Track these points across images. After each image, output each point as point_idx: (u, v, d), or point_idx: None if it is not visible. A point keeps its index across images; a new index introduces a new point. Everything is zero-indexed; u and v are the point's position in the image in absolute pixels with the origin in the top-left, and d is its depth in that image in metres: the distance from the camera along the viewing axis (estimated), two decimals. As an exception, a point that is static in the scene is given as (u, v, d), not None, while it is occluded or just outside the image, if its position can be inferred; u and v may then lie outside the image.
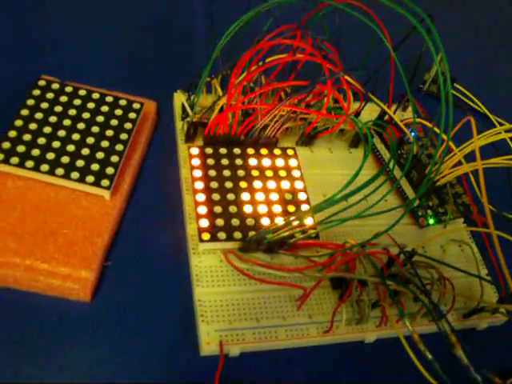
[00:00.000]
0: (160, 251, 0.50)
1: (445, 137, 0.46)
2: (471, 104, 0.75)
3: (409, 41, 0.52)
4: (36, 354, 0.43)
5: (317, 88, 0.52)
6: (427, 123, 0.59)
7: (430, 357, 0.42)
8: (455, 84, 0.75)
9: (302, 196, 0.54)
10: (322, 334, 0.48)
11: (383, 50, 0.50)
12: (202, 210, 0.50)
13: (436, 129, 0.53)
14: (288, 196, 0.54)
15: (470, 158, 0.53)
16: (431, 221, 0.58)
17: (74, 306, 0.46)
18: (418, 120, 0.59)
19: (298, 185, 0.55)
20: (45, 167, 0.49)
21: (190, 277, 0.49)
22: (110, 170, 0.50)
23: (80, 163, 0.50)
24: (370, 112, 0.64)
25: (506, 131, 0.55)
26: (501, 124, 0.73)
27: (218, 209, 0.51)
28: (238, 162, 0.55)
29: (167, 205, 0.54)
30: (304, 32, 0.50)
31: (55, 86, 0.55)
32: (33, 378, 0.42)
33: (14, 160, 0.49)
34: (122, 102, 0.55)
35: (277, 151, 0.57)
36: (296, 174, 0.56)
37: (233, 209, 0.51)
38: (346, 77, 0.53)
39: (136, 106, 0.55)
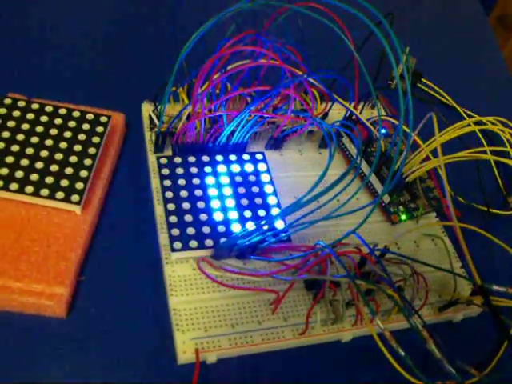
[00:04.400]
0: (134, 263, 0.51)
1: (406, 128, 0.47)
2: (439, 98, 0.76)
3: (374, 38, 0.53)
4: (13, 371, 0.43)
5: (281, 92, 0.52)
6: (393, 120, 0.59)
7: (402, 353, 0.42)
8: (422, 79, 0.75)
9: (272, 200, 0.54)
10: (297, 337, 0.48)
11: (349, 50, 0.50)
12: (173, 219, 0.51)
13: (404, 126, 0.54)
14: (258, 200, 0.54)
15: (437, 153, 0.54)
16: (403, 217, 0.58)
17: (50, 322, 0.46)
18: (383, 118, 0.59)
19: (268, 189, 0.55)
20: (14, 186, 0.49)
21: (165, 286, 0.49)
22: (79, 185, 0.50)
23: (49, 180, 0.50)
24: (338, 112, 0.64)
25: (476, 123, 0.55)
26: (469, 116, 0.73)
27: (188, 217, 0.51)
28: (207, 169, 0.55)
29: (139, 216, 0.54)
30: (264, 37, 0.51)
31: (21, 103, 0.55)
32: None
33: (-17, 181, 0.49)
34: (89, 116, 0.55)
35: (245, 156, 0.57)
36: (266, 178, 0.56)
37: (203, 216, 0.51)
38: (310, 79, 0.53)
39: (103, 119, 0.55)
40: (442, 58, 0.85)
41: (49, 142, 0.53)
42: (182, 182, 0.53)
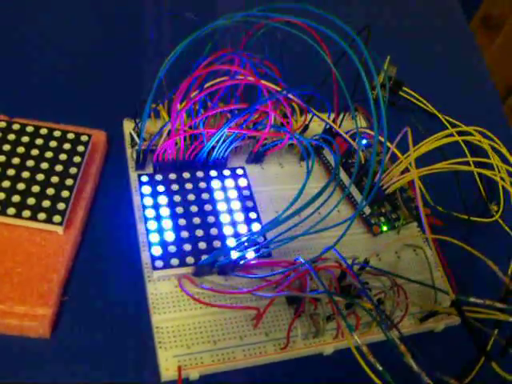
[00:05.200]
0: (117, 281, 0.51)
1: (388, 144, 0.47)
2: (421, 105, 0.76)
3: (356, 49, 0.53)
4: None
5: (258, 109, 0.53)
6: (370, 131, 0.59)
7: (380, 368, 0.43)
8: (403, 87, 0.76)
9: (252, 215, 0.55)
10: (279, 351, 0.49)
11: (328, 63, 0.50)
12: (154, 237, 0.51)
13: (380, 137, 0.54)
14: (239, 217, 0.54)
15: (418, 162, 0.54)
16: (384, 228, 0.59)
17: (34, 342, 0.46)
18: (362, 130, 0.59)
19: (249, 204, 0.56)
20: (-5, 208, 0.50)
21: (148, 304, 0.49)
22: (61, 206, 0.51)
23: (31, 201, 0.50)
24: (319, 124, 0.64)
25: (455, 134, 0.56)
26: (451, 123, 0.74)
27: (169, 235, 0.51)
28: (188, 186, 0.55)
29: (122, 234, 0.54)
30: (240, 55, 0.51)
31: (2, 124, 0.55)
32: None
33: (-36, 203, 0.49)
34: (70, 136, 0.55)
35: (226, 172, 0.58)
36: (246, 193, 0.56)
37: (184, 234, 0.52)
38: (289, 95, 0.54)
39: (84, 138, 0.56)
40: (424, 65, 0.85)
41: (30, 163, 0.53)
42: (162, 199, 0.54)
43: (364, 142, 0.62)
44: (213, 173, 0.57)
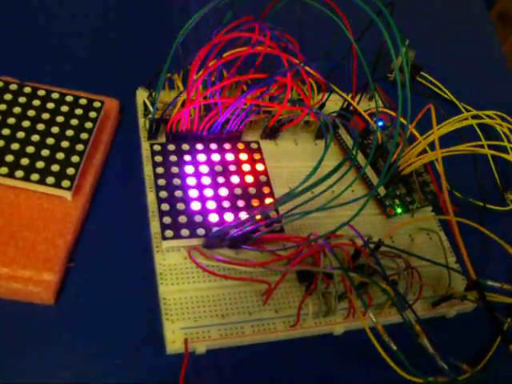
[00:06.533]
0: (124, 250, 0.50)
1: (404, 121, 0.46)
2: (438, 92, 0.75)
3: (375, 29, 0.52)
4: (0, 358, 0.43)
5: (277, 80, 0.51)
6: (390, 112, 0.58)
7: (394, 348, 0.42)
8: (422, 72, 0.75)
9: (266, 190, 0.54)
10: (288, 328, 0.48)
11: (348, 40, 0.49)
12: (165, 207, 0.50)
13: (402, 119, 0.53)
14: (252, 190, 0.53)
15: (435, 145, 0.53)
16: (399, 210, 0.57)
17: (38, 309, 0.45)
18: (381, 109, 0.58)
19: (262, 178, 0.54)
20: (4, 170, 0.48)
21: (155, 275, 0.48)
22: (70, 171, 0.50)
23: (40, 164, 0.49)
24: (335, 103, 0.63)
25: (473, 117, 0.55)
26: (468, 110, 0.72)
27: (180, 206, 0.50)
28: (201, 157, 0.54)
29: (131, 203, 0.53)
30: (262, 24, 0.50)
31: (13, 86, 0.54)
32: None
33: (-28, 164, 0.48)
34: (82, 101, 0.54)
35: (240, 145, 0.56)
36: (260, 167, 0.55)
37: (196, 205, 0.51)
38: (307, 68, 0.52)
39: (96, 104, 0.54)
40: (442, 51, 0.84)
41: (40, 127, 0.52)
42: (174, 169, 0.53)
43: (380, 123, 0.61)
44: (226, 145, 0.56)
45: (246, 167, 0.55)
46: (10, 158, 0.49)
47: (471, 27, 0.95)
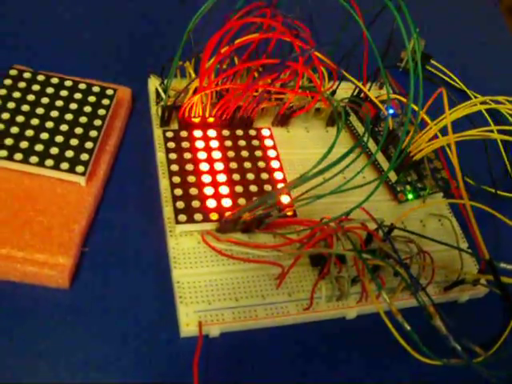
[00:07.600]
0: (138, 235, 0.50)
1: (416, 107, 0.46)
2: (448, 80, 0.75)
3: (386, 17, 0.52)
4: (15, 342, 0.43)
5: (289, 66, 0.52)
6: (402, 98, 0.58)
7: (408, 328, 0.42)
8: (431, 61, 0.75)
9: (278, 175, 0.54)
10: (301, 312, 0.48)
11: (359, 28, 0.49)
12: (178, 192, 0.50)
13: (413, 105, 0.53)
14: (264, 176, 0.53)
15: (446, 131, 0.53)
16: (410, 196, 0.58)
17: (53, 292, 0.46)
18: (393, 96, 0.58)
19: (275, 164, 0.55)
20: (18, 156, 0.49)
21: (169, 259, 0.49)
22: (84, 157, 0.50)
23: (54, 150, 0.50)
24: (345, 90, 0.63)
25: (482, 103, 0.55)
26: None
27: (193, 191, 0.51)
28: (213, 143, 0.54)
29: (144, 189, 0.53)
30: (274, 10, 0.50)
31: (27, 75, 0.54)
32: (11, 367, 0.42)
33: (-13, 150, 0.49)
34: (96, 89, 0.55)
35: (252, 132, 0.57)
36: (272, 153, 0.55)
37: (209, 190, 0.51)
38: (318, 54, 0.52)
39: (109, 92, 0.55)
40: (452, 40, 0.84)
41: (54, 114, 0.52)
42: (187, 155, 0.53)
43: (391, 111, 0.61)
44: (238, 132, 0.56)
45: (258, 153, 0.55)
46: (24, 144, 0.50)
47: (480, 16, 0.95)
